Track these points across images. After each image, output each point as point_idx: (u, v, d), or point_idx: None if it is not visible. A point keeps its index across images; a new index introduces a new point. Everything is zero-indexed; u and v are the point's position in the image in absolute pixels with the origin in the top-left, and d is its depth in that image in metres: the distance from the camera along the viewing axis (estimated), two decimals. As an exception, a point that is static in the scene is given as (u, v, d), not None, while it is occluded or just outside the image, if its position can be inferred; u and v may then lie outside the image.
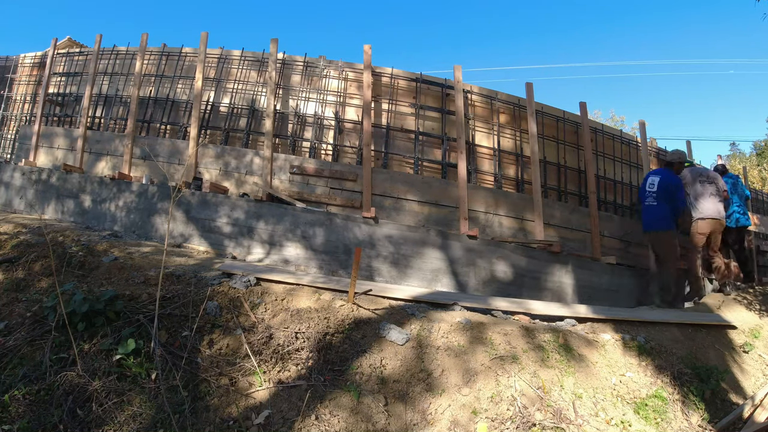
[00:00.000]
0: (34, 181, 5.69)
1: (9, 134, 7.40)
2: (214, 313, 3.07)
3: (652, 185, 5.04)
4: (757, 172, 18.51)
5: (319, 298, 3.28)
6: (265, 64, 5.84)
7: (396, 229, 4.92)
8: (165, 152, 5.66)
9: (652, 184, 5.04)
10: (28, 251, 3.81)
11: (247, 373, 2.71)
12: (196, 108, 5.56)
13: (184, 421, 2.40)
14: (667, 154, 5.48)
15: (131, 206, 5.23)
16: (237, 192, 5.31)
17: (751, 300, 4.46)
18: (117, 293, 3.02)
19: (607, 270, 5.45)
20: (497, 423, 2.50)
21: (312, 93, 5.79)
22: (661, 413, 2.78)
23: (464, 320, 3.17)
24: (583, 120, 6.00)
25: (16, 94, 7.41)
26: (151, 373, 2.60)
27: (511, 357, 2.89)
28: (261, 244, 4.88)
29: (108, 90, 6.41)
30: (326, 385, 2.65)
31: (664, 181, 5.03)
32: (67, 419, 2.36)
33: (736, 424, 2.92)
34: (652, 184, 5.04)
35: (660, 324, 3.57)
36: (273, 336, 2.93)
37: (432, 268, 4.87)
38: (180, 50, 6.23)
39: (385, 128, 5.58)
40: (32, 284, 3.45)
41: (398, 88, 5.72)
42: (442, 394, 2.67)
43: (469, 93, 5.77)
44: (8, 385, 2.50)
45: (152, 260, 3.78)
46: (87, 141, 5.98)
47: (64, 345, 2.71)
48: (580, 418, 2.57)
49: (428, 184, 5.30)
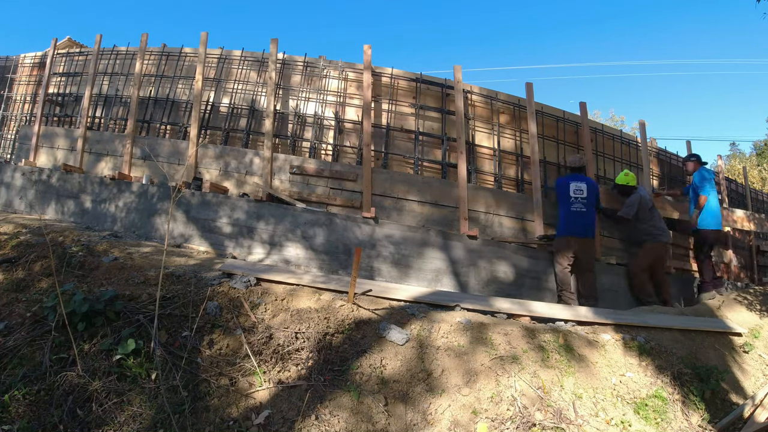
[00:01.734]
0: (35, 181, 5.69)
1: (9, 134, 7.40)
2: (214, 313, 3.07)
3: (580, 191, 5.04)
4: (757, 172, 18.52)
5: (320, 298, 3.28)
6: (265, 64, 5.84)
7: (396, 229, 4.91)
8: (165, 152, 5.65)
9: (580, 190, 5.04)
10: (28, 251, 3.81)
11: (247, 373, 2.71)
12: (196, 108, 5.56)
13: (184, 421, 2.40)
14: (574, 160, 5.36)
15: (131, 206, 5.23)
16: (237, 192, 5.31)
17: (752, 300, 4.46)
18: (117, 293, 3.02)
19: (608, 270, 5.44)
20: (497, 423, 2.50)
21: (312, 93, 5.79)
22: (661, 413, 2.78)
23: (464, 321, 3.17)
24: (583, 120, 6.00)
25: (16, 94, 7.41)
26: (151, 373, 2.60)
27: (511, 357, 2.89)
28: (261, 244, 4.88)
29: (108, 90, 6.41)
30: (326, 385, 2.65)
31: (593, 187, 5.15)
32: (67, 419, 2.36)
33: (737, 424, 2.92)
34: (580, 190, 5.04)
35: (662, 326, 3.57)
36: (273, 336, 2.93)
37: (433, 268, 4.87)
38: (180, 50, 6.23)
39: (385, 128, 5.58)
40: (32, 284, 3.45)
41: (398, 88, 5.72)
42: (442, 394, 2.67)
43: (469, 93, 5.77)
44: (8, 385, 2.49)
45: (152, 260, 3.78)
46: (87, 141, 5.98)
47: (64, 345, 2.70)
48: (580, 418, 2.57)
49: (428, 185, 5.30)
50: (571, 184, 5.08)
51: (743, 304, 4.39)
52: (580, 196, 5.01)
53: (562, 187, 5.15)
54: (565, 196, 5.07)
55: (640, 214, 5.35)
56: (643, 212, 5.36)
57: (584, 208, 4.99)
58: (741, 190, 8.29)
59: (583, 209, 4.99)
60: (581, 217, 4.98)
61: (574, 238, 4.94)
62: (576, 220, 4.98)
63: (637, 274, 5.35)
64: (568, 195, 5.05)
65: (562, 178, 5.26)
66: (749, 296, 4.58)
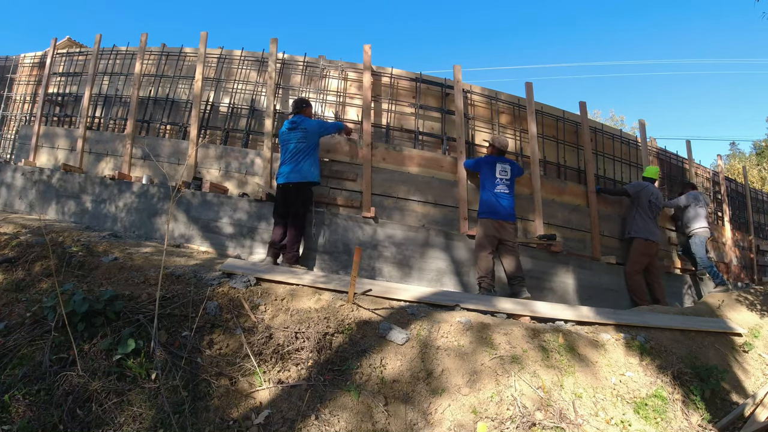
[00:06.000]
0: (35, 181, 5.69)
1: (9, 134, 7.40)
2: (214, 313, 3.06)
3: (504, 172, 4.84)
4: (757, 172, 18.52)
5: (320, 298, 3.28)
6: (265, 64, 5.83)
7: (397, 229, 4.91)
8: (165, 152, 5.65)
9: (504, 171, 4.84)
10: (28, 251, 3.81)
11: (247, 373, 2.70)
12: (196, 108, 5.56)
13: (184, 421, 2.40)
14: (495, 141, 5.05)
15: (131, 206, 5.23)
16: (237, 192, 5.30)
17: (752, 300, 4.46)
18: (117, 293, 3.01)
19: (607, 269, 5.45)
20: (497, 423, 2.50)
21: (312, 93, 5.78)
22: (661, 413, 2.78)
23: (465, 320, 3.17)
24: (582, 120, 6.00)
25: (16, 94, 7.41)
26: (151, 373, 2.60)
27: (511, 357, 2.89)
28: (263, 244, 4.88)
29: (108, 90, 6.40)
30: (326, 385, 2.65)
31: (517, 170, 5.00)
32: (67, 419, 2.36)
33: (737, 424, 2.92)
34: (504, 171, 4.84)
35: (662, 327, 3.57)
36: (273, 336, 2.93)
37: (434, 268, 4.86)
38: (180, 50, 6.23)
39: (386, 128, 5.58)
40: (32, 284, 3.45)
41: (398, 88, 5.72)
42: (442, 394, 2.67)
43: (469, 93, 5.76)
44: (8, 385, 2.49)
45: (152, 260, 3.78)
46: (87, 141, 5.97)
47: (64, 345, 2.70)
48: (580, 418, 2.57)
49: (428, 184, 5.29)
50: (498, 165, 4.88)
51: (743, 304, 4.39)
52: (505, 177, 4.84)
53: (488, 165, 4.90)
54: (490, 176, 4.84)
55: (641, 200, 5.50)
56: (643, 202, 5.50)
57: (507, 190, 4.82)
58: (741, 190, 8.28)
59: (506, 191, 4.82)
60: (505, 199, 4.79)
61: (500, 221, 4.72)
62: (501, 202, 4.77)
63: (631, 275, 5.38)
64: (493, 175, 4.83)
65: (488, 156, 5.03)
66: (749, 296, 4.58)
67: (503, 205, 4.77)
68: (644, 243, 5.42)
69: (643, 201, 5.51)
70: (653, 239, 5.45)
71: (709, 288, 6.02)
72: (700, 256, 5.87)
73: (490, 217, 4.74)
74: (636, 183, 5.73)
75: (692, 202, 6.00)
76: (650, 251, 5.45)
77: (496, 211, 4.74)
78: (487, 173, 4.87)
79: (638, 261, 5.41)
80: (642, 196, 5.52)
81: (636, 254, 5.42)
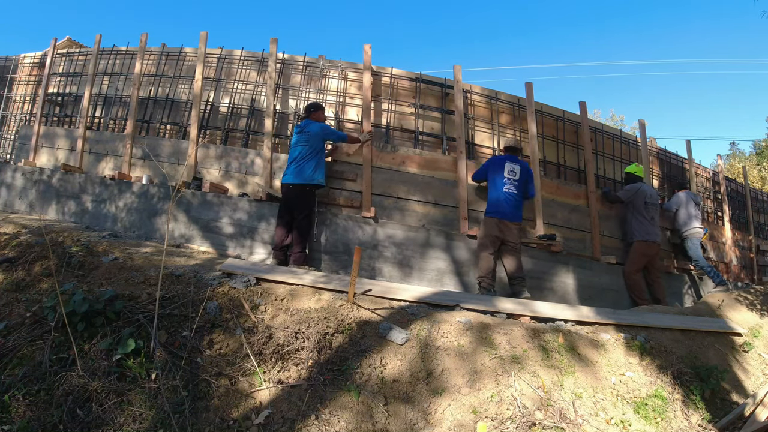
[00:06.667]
0: (35, 181, 5.69)
1: (9, 134, 7.40)
2: (214, 313, 3.06)
3: (513, 172, 4.80)
4: (757, 172, 18.53)
5: (320, 298, 3.28)
6: (265, 63, 5.83)
7: (397, 229, 4.91)
8: (165, 152, 5.65)
9: (513, 172, 4.80)
10: (28, 251, 3.81)
11: (247, 373, 2.70)
12: (195, 108, 5.56)
13: (184, 421, 2.40)
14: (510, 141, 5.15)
15: (131, 206, 5.23)
16: (238, 192, 5.31)
17: (752, 300, 4.46)
18: (117, 293, 3.01)
19: (607, 269, 5.45)
20: (497, 422, 2.50)
21: (312, 93, 5.78)
22: (661, 413, 2.78)
23: (465, 320, 3.17)
24: (582, 119, 6.00)
25: (16, 94, 7.41)
26: (151, 373, 2.60)
27: (511, 357, 2.89)
28: (263, 244, 4.88)
29: (108, 90, 6.40)
30: (326, 385, 2.65)
31: (527, 170, 4.95)
32: (67, 419, 2.36)
33: (737, 423, 2.91)
34: (513, 172, 4.80)
35: (662, 327, 3.57)
36: (273, 336, 2.93)
37: (435, 268, 4.86)
38: (180, 50, 6.23)
39: (386, 128, 5.58)
40: (32, 284, 3.45)
41: (398, 88, 5.72)
42: (442, 394, 2.66)
43: (469, 93, 5.76)
44: (8, 385, 2.49)
45: (152, 260, 3.78)
46: (87, 141, 5.97)
47: (63, 345, 2.70)
48: (580, 418, 2.57)
49: (429, 184, 5.29)
50: (507, 164, 4.84)
51: (743, 304, 4.39)
52: (513, 178, 4.80)
53: (496, 165, 4.88)
54: (499, 175, 4.81)
55: (636, 203, 5.49)
56: (638, 204, 5.49)
57: (515, 191, 4.79)
58: (741, 190, 8.28)
59: (515, 191, 4.79)
60: (513, 199, 4.77)
61: (504, 221, 4.70)
62: (508, 202, 4.74)
63: (630, 275, 5.38)
64: (502, 175, 4.79)
65: (498, 156, 5.04)
66: (749, 296, 4.58)
67: (509, 205, 4.77)
68: (644, 244, 5.42)
69: (638, 204, 5.49)
70: (653, 240, 5.45)
71: (709, 288, 6.02)
72: (696, 258, 5.86)
73: (495, 216, 4.75)
74: (629, 188, 5.63)
75: (682, 204, 5.99)
76: (650, 251, 5.45)
77: (501, 211, 4.74)
78: (496, 173, 4.87)
79: (637, 261, 5.41)
80: (636, 199, 5.50)
81: (636, 255, 5.43)
